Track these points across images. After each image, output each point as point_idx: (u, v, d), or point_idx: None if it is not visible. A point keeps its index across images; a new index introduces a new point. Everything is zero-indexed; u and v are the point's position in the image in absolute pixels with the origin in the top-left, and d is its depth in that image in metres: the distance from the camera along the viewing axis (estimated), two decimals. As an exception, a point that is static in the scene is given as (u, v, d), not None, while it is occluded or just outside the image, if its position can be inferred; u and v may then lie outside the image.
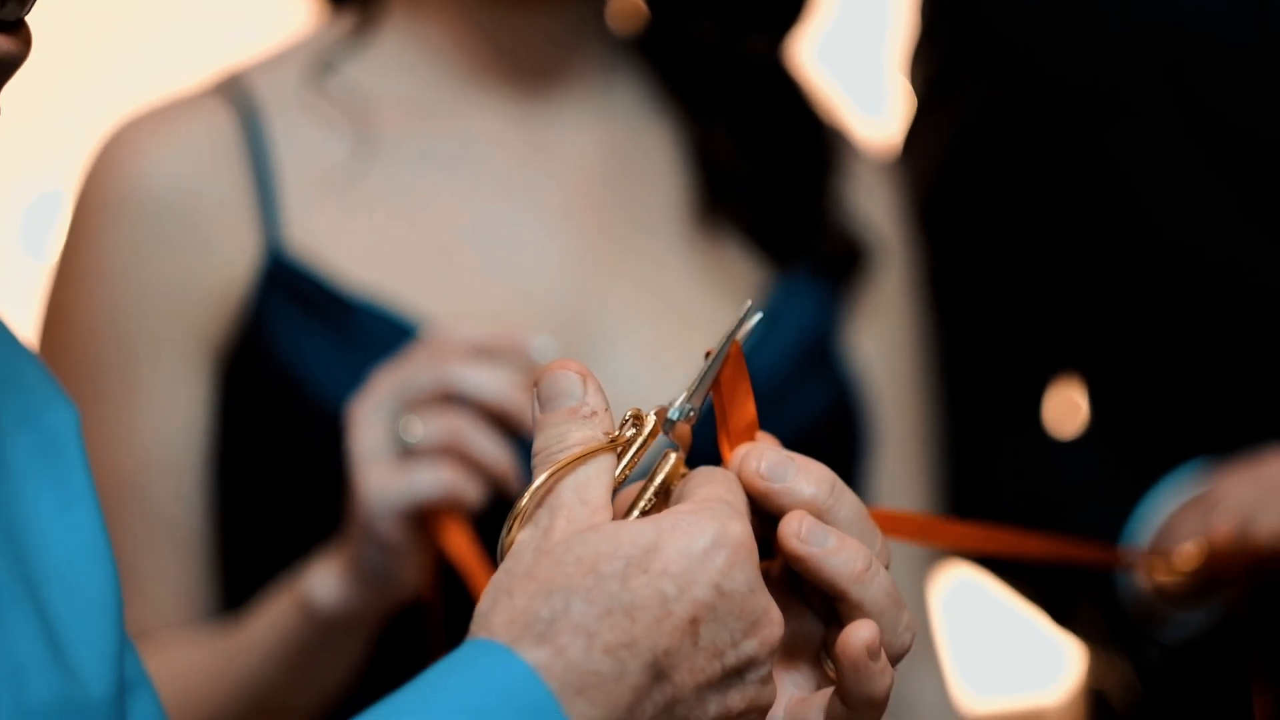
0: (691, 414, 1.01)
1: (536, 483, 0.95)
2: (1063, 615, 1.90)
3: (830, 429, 1.68)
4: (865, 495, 1.70)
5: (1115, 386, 1.92)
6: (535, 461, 0.97)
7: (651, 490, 0.98)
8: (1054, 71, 1.86)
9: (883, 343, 1.74)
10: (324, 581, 1.48)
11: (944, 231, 1.86)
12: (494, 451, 1.43)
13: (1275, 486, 1.67)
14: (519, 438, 1.45)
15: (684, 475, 0.99)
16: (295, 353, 1.57)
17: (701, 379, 1.01)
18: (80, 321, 1.59)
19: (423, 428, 1.44)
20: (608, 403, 1.00)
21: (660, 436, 0.99)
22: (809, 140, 1.73)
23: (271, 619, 1.51)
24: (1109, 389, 1.93)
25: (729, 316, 1.03)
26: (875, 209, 1.75)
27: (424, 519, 1.44)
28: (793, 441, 1.54)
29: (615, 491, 0.97)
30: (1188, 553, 1.70)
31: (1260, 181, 1.80)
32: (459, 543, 1.43)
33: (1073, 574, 1.81)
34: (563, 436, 0.98)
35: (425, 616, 1.49)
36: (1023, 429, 1.94)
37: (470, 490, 1.43)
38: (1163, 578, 1.74)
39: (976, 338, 1.92)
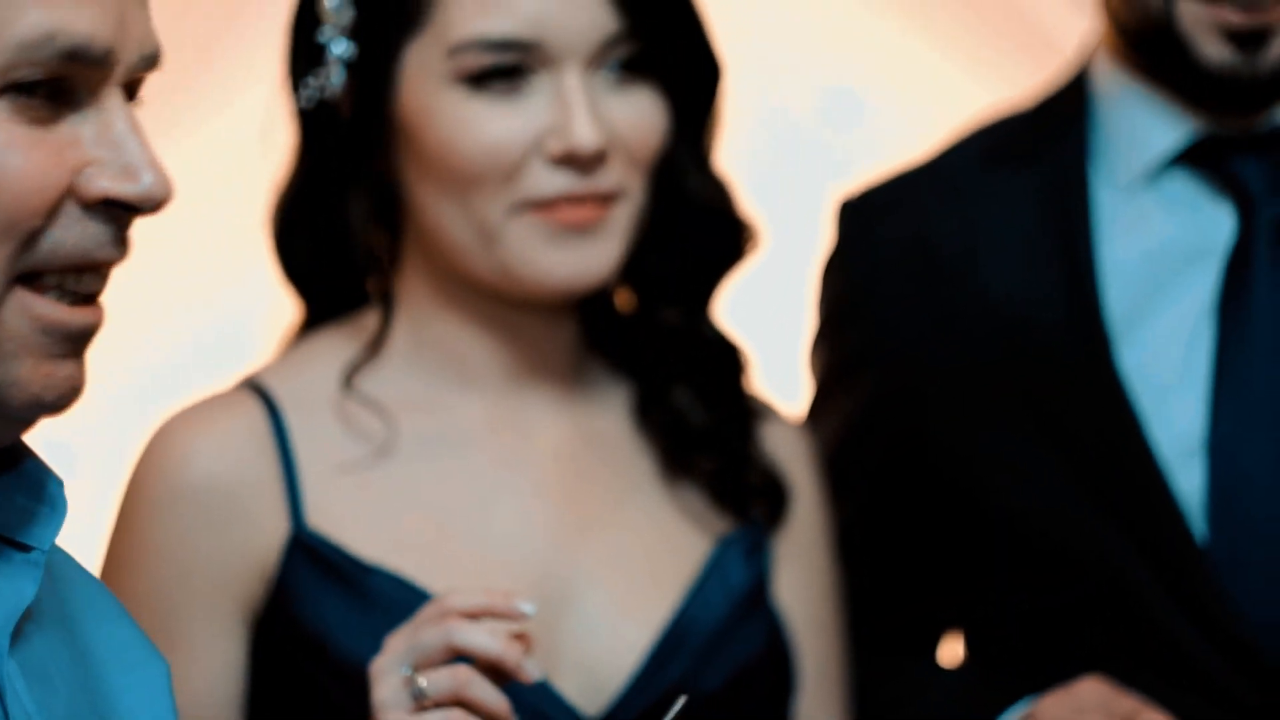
0: None
1: None
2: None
3: (766, 668, 1.96)
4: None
5: (986, 629, 2.27)
6: None
7: None
8: (924, 363, 2.22)
9: (804, 588, 2.04)
10: None
11: (840, 498, 2.18)
12: (494, 697, 1.69)
13: (1081, 707, 2.00)
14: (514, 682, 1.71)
15: None
16: (318, 616, 1.85)
17: None
18: (133, 594, 1.84)
19: (433, 681, 1.69)
20: None
21: None
22: (744, 405, 2.04)
23: None
24: (981, 631, 2.28)
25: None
26: (794, 466, 2.06)
27: None
28: (734, 679, 1.90)
29: None
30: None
31: (1079, 451, 2.16)
32: None
33: None
34: None
35: None
36: (913, 666, 2.29)
37: None
38: None
39: (878, 592, 2.26)
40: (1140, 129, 2.22)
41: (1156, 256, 2.21)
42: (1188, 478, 2.14)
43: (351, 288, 1.99)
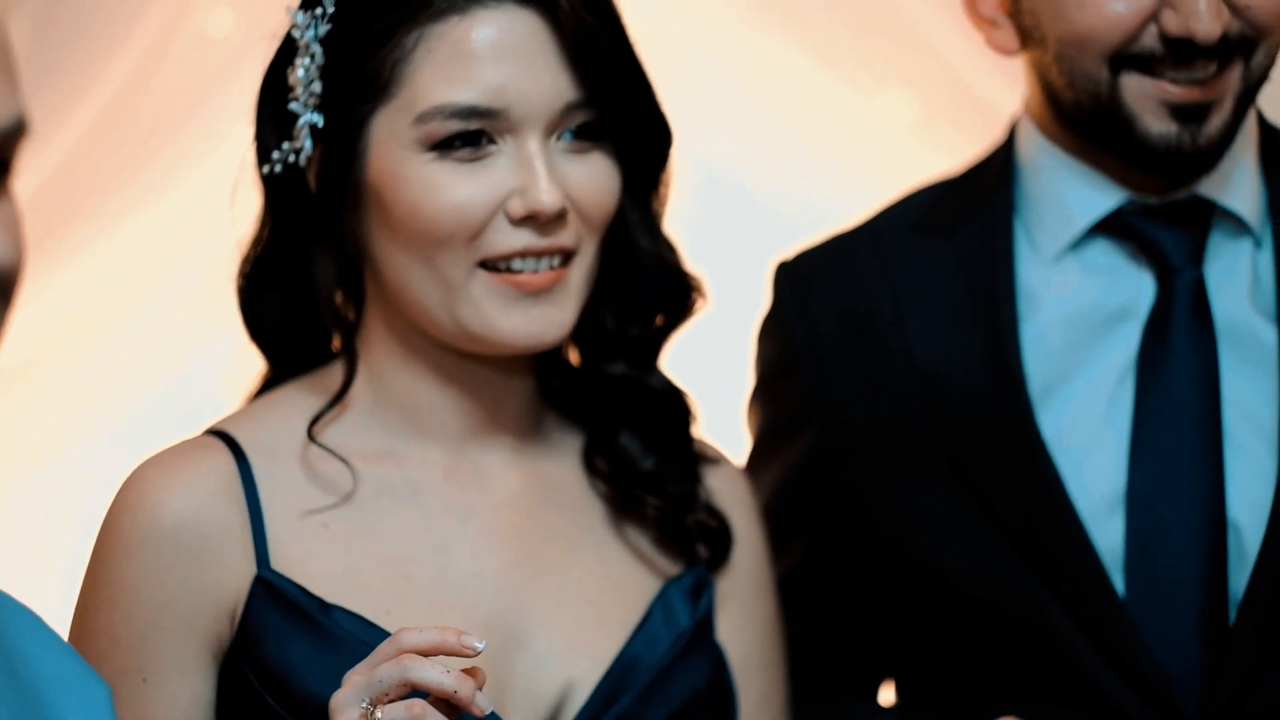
0: None
1: None
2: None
3: (708, 704, 2.06)
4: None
5: (917, 675, 2.37)
6: None
7: None
8: (857, 423, 2.32)
9: (746, 627, 2.15)
10: None
11: (779, 550, 2.27)
12: None
13: None
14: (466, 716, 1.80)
15: None
16: (282, 653, 1.93)
17: None
18: (107, 630, 1.94)
19: (390, 713, 1.77)
20: None
21: None
22: (690, 452, 2.14)
23: None
24: (913, 676, 2.38)
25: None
26: (737, 511, 2.17)
27: None
28: (677, 714, 2.01)
29: None
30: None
31: (1003, 509, 2.25)
32: None
33: None
34: None
35: None
36: (853, 708, 2.40)
37: None
38: None
39: (817, 639, 2.37)
40: (1065, 199, 2.30)
41: (1078, 321, 2.28)
42: (1108, 533, 2.22)
43: (315, 345, 2.08)
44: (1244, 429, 2.24)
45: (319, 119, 1.99)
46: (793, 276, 2.42)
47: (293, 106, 2.00)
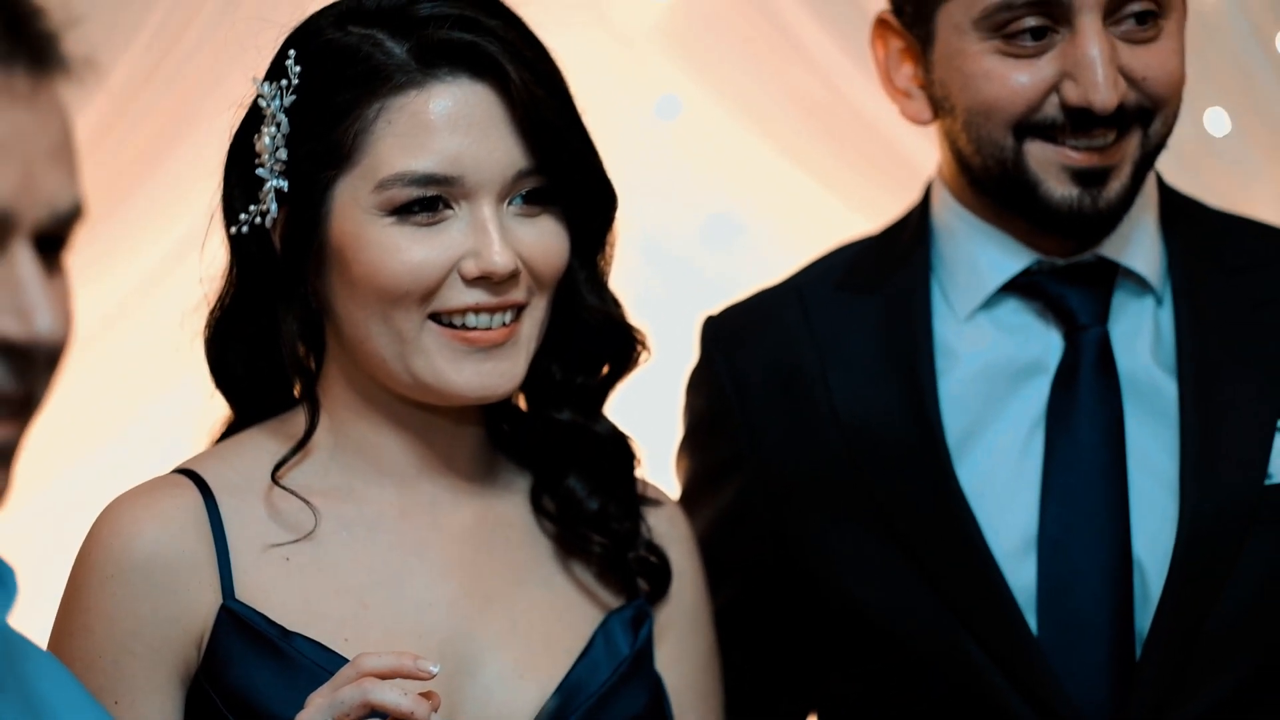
0: None
1: None
2: None
3: None
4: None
5: (843, 705, 2.49)
6: None
7: None
8: (784, 470, 2.44)
9: (683, 657, 2.27)
10: None
11: (712, 588, 2.37)
12: None
13: None
14: None
15: None
16: (246, 677, 2.05)
17: None
18: (83, 656, 2.06)
19: None
20: None
21: None
22: (632, 492, 2.27)
23: None
24: (839, 706, 2.50)
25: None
26: (675, 548, 2.30)
27: None
28: None
29: None
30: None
31: (924, 551, 2.36)
32: None
33: None
34: None
35: None
36: None
37: None
38: None
39: (749, 671, 2.48)
40: (976, 260, 2.42)
41: (992, 375, 2.40)
42: (1021, 574, 2.33)
43: (276, 392, 2.20)
44: (1146, 477, 2.36)
45: (284, 184, 2.10)
46: (720, 331, 2.53)
47: (260, 172, 2.11)
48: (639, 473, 2.28)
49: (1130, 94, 2.33)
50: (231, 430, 2.24)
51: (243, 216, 2.14)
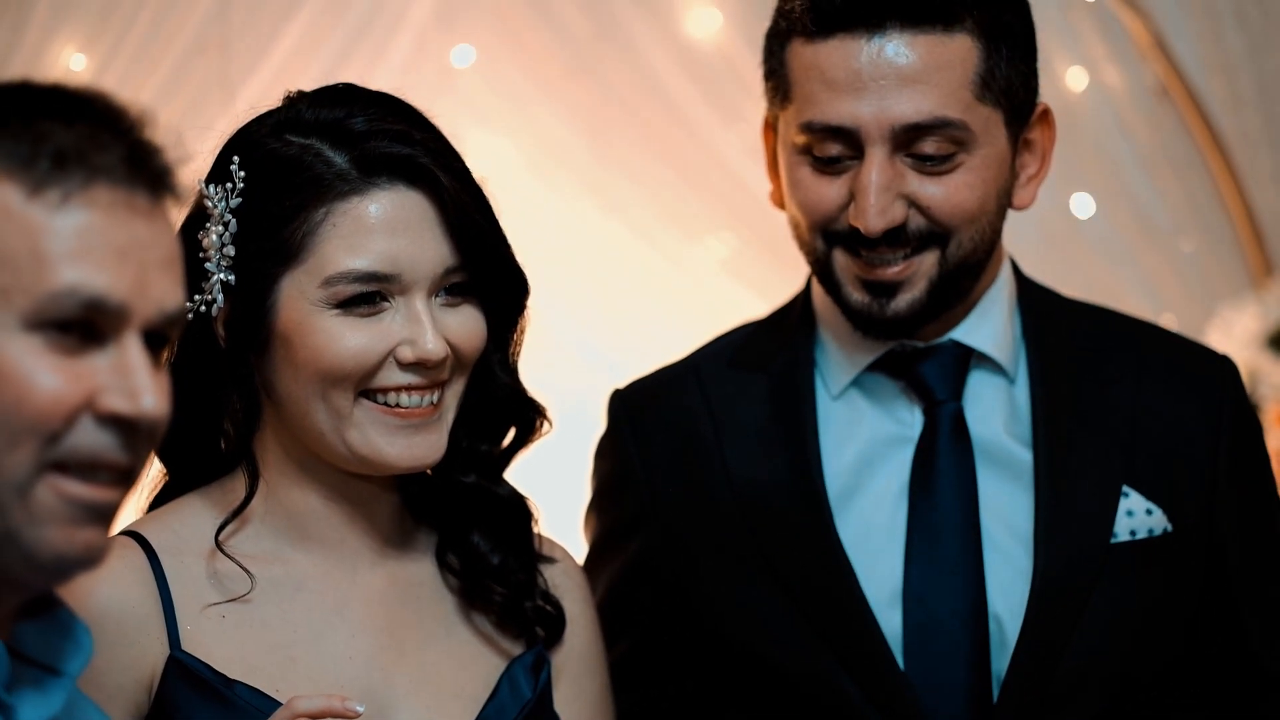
0: None
1: None
2: None
3: None
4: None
5: None
6: None
7: None
8: (682, 528, 2.65)
9: (578, 698, 2.48)
10: None
11: (613, 638, 2.59)
12: None
13: None
14: None
15: None
16: (192, 719, 2.24)
17: None
18: None
19: None
20: None
21: None
22: (530, 548, 2.46)
23: None
24: None
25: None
26: (570, 598, 2.50)
27: None
28: None
29: None
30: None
31: (807, 600, 2.57)
32: None
33: None
34: None
35: None
36: None
37: None
38: None
39: (649, 711, 2.68)
40: (845, 344, 2.64)
41: (864, 444, 2.62)
42: (891, 620, 2.55)
43: (209, 459, 2.39)
44: (1003, 535, 2.57)
45: (232, 278, 2.29)
46: (627, 403, 2.74)
47: (207, 266, 2.29)
48: (537, 530, 2.48)
49: (917, 219, 2.52)
50: (166, 492, 2.42)
51: (188, 305, 2.29)
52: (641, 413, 2.73)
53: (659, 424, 2.71)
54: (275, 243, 2.28)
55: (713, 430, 2.67)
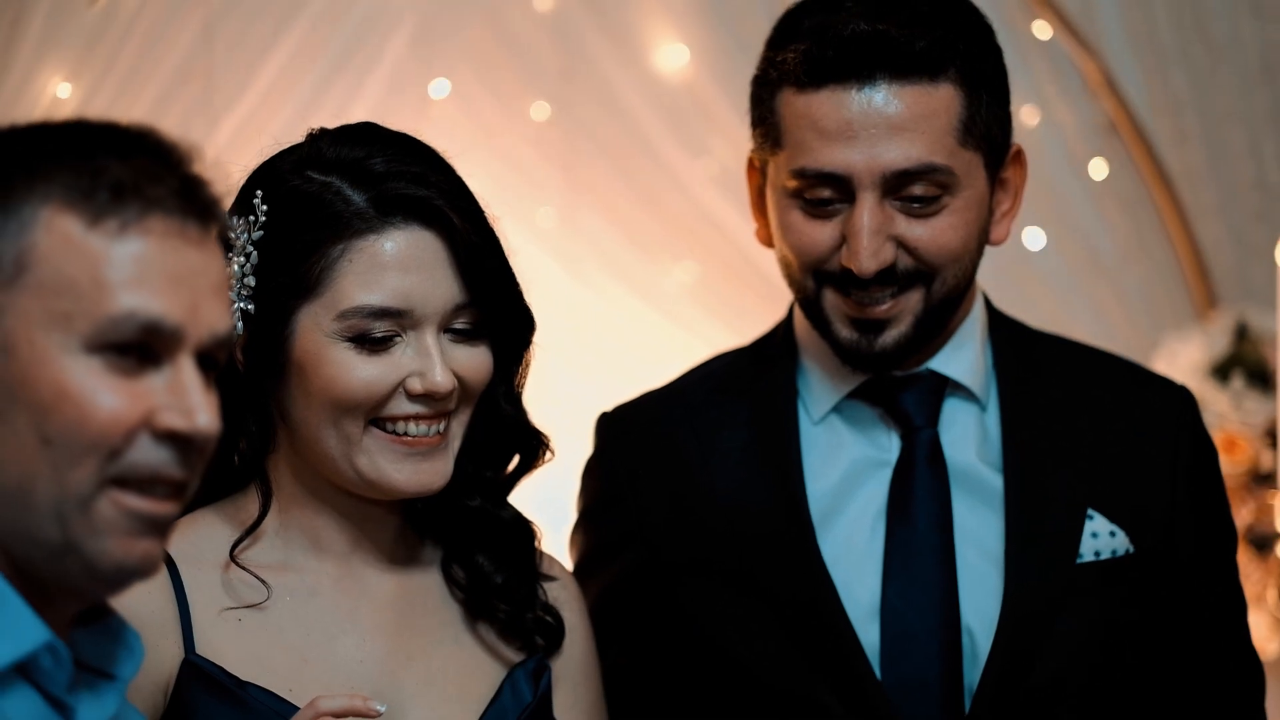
0: None
1: None
2: None
3: None
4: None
5: None
6: None
7: None
8: (669, 545, 2.75)
9: (576, 703, 2.58)
10: None
11: (603, 648, 2.68)
12: None
13: None
14: None
15: None
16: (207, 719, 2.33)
17: None
18: None
19: None
20: None
21: None
22: (532, 565, 2.57)
23: None
24: None
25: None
26: (568, 609, 2.61)
27: None
28: None
29: None
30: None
31: (791, 614, 2.67)
32: None
33: None
34: None
35: None
36: None
37: None
38: None
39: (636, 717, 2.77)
40: (827, 372, 2.75)
41: (845, 468, 2.72)
42: (869, 634, 2.65)
43: (219, 477, 2.47)
44: (975, 555, 2.68)
45: (251, 307, 2.39)
46: (614, 426, 2.84)
47: (233, 294, 2.37)
48: (539, 547, 2.58)
49: (905, 259, 2.63)
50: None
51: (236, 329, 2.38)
52: (629, 435, 2.83)
53: (646, 446, 2.81)
54: (294, 276, 2.37)
55: (698, 452, 2.77)
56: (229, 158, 3.69)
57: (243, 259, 2.39)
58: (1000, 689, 2.64)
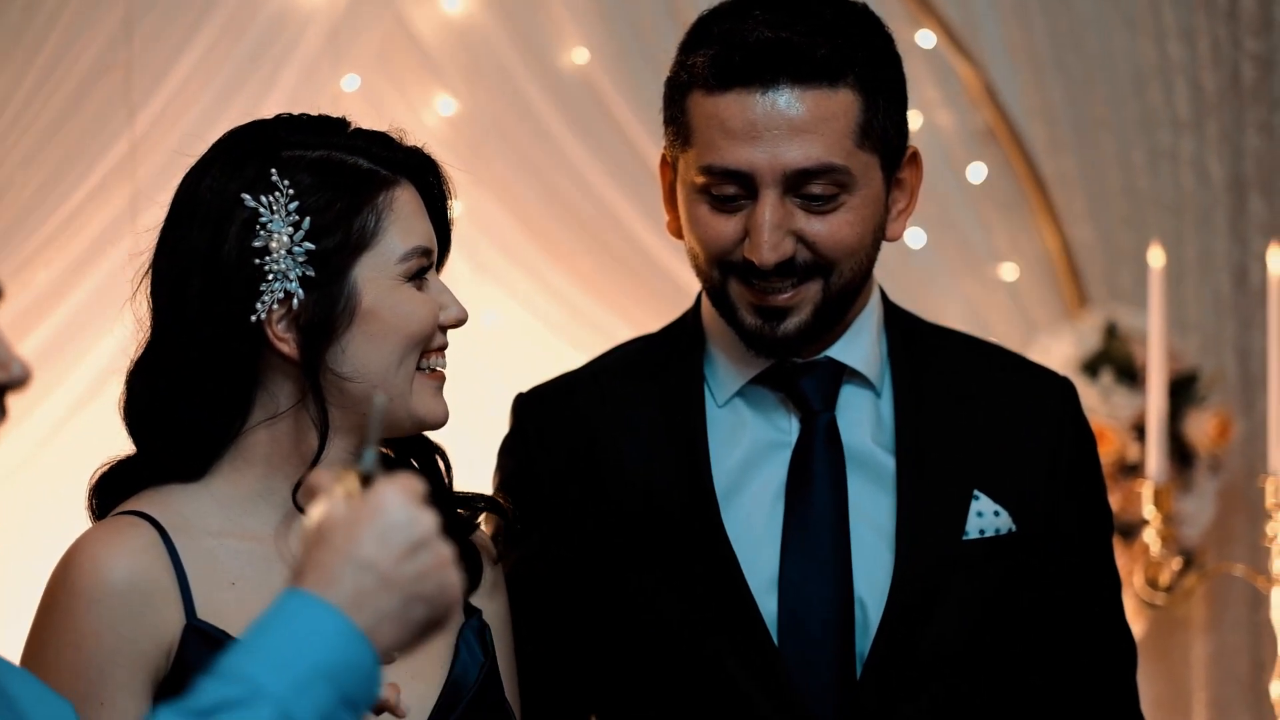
0: (374, 461, 1.98)
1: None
2: None
3: (505, 713, 2.65)
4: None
5: (623, 709, 2.92)
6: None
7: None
8: (581, 521, 2.86)
9: (503, 657, 2.70)
10: None
11: (518, 620, 2.80)
12: None
13: None
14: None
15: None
16: None
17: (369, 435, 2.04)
18: (70, 667, 2.41)
19: None
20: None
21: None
22: (445, 485, 2.70)
23: None
24: (619, 711, 2.93)
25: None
26: (489, 569, 2.74)
27: None
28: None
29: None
30: None
31: (695, 585, 2.80)
32: None
33: None
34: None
35: None
36: None
37: None
38: None
39: (544, 682, 2.89)
40: (732, 359, 2.87)
41: (748, 448, 2.85)
42: (769, 605, 2.77)
43: (189, 455, 2.55)
44: (868, 531, 2.80)
45: (311, 271, 2.49)
46: (530, 405, 2.95)
47: (274, 268, 2.47)
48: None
49: (804, 252, 2.74)
50: (121, 477, 2.58)
51: (259, 306, 2.47)
52: (544, 414, 2.93)
53: (559, 425, 2.91)
54: (348, 233, 2.51)
55: (610, 431, 2.87)
56: (146, 147, 3.85)
57: (290, 228, 2.48)
58: (889, 657, 2.76)
